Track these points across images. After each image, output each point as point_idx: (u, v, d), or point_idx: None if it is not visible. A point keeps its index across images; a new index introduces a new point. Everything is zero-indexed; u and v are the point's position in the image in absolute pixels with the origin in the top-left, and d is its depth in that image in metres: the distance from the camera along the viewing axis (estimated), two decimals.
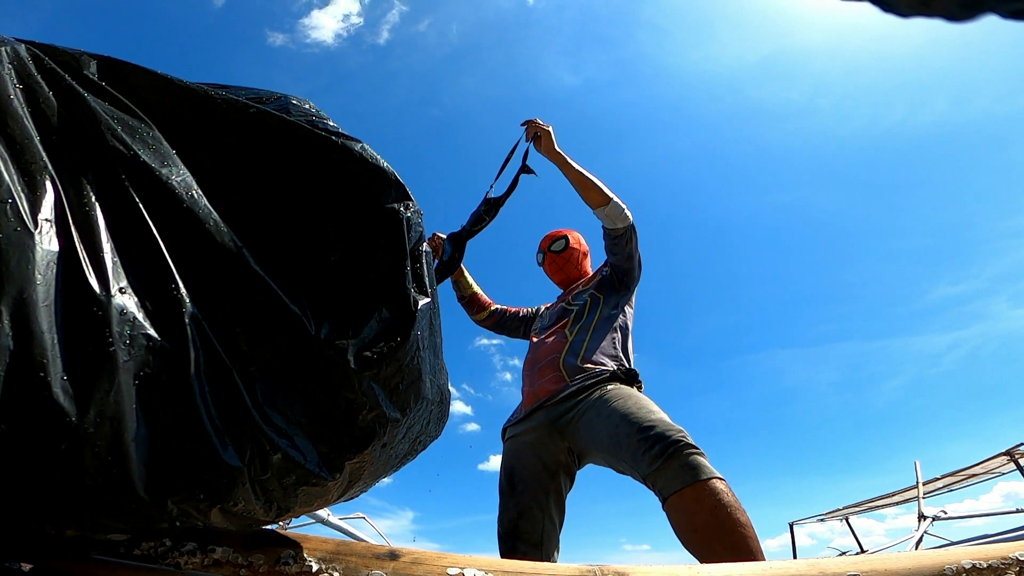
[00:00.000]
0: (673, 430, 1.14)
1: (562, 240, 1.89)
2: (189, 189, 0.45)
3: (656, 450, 1.10)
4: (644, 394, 1.41)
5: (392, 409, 0.49)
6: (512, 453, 1.49)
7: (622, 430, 1.20)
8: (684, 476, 1.05)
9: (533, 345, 1.67)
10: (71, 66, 0.48)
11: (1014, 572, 0.50)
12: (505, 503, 1.41)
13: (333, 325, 0.46)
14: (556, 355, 1.54)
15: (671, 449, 1.09)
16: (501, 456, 1.55)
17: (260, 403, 0.42)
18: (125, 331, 0.37)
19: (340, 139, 0.51)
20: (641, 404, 1.27)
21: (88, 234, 0.39)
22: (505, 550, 1.33)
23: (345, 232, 0.50)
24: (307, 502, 0.47)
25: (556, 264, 1.89)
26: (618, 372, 1.46)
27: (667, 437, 1.11)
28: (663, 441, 1.11)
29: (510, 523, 1.36)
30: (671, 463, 1.08)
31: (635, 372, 1.49)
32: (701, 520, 1.00)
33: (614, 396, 1.33)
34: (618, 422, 1.23)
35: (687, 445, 1.10)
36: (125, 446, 0.35)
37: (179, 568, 0.45)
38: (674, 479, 1.06)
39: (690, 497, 1.03)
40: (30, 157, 0.39)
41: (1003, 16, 0.24)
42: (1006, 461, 5.73)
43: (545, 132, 1.60)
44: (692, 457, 1.07)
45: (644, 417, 1.20)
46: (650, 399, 1.34)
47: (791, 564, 0.54)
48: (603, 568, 0.53)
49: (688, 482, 1.04)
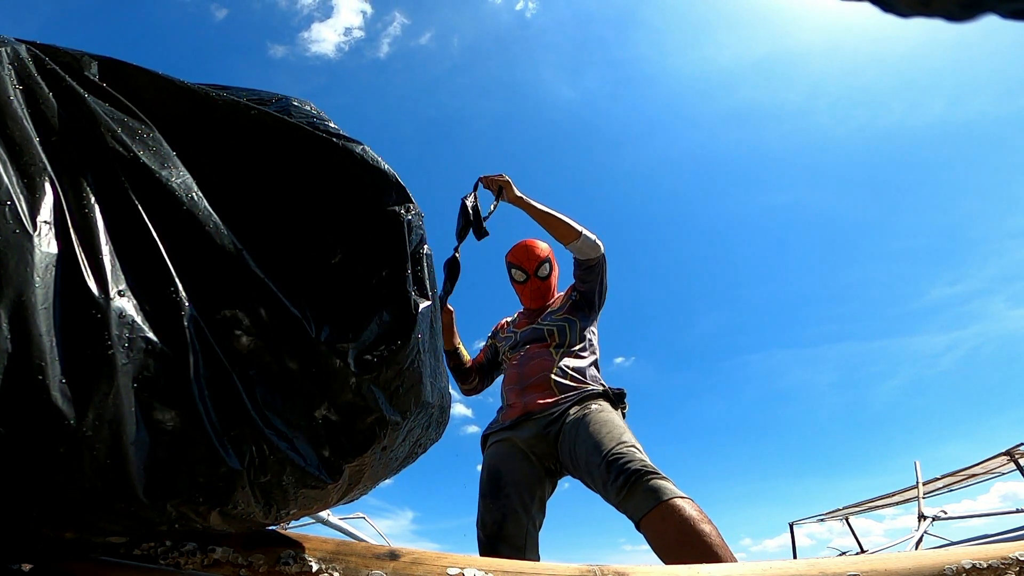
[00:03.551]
0: (636, 460, 1.22)
1: (546, 265, 1.84)
2: (189, 191, 0.45)
3: (620, 481, 1.19)
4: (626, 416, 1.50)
5: (392, 412, 0.49)
6: (497, 456, 1.51)
7: (593, 460, 1.29)
8: (648, 500, 1.13)
9: (515, 364, 1.68)
10: (72, 67, 0.48)
11: (1014, 572, 0.50)
12: (488, 505, 1.43)
13: (333, 328, 0.46)
14: (546, 373, 1.58)
15: (633, 478, 1.18)
16: (483, 460, 1.58)
17: (260, 406, 0.42)
18: (124, 334, 0.37)
19: (341, 141, 0.51)
20: (613, 433, 1.34)
21: (87, 236, 0.39)
22: (487, 553, 1.34)
23: (346, 235, 0.50)
24: (306, 505, 0.47)
25: (539, 291, 1.84)
26: (608, 391, 1.53)
27: (628, 468, 1.20)
28: (625, 472, 1.20)
29: (495, 525, 1.38)
30: (635, 490, 1.16)
31: (623, 393, 1.56)
32: (671, 537, 1.07)
33: (593, 420, 1.40)
34: (591, 451, 1.31)
35: (647, 472, 1.18)
36: (124, 449, 0.35)
37: (179, 568, 0.45)
38: (641, 504, 1.14)
39: (656, 517, 1.11)
40: (29, 159, 0.39)
41: (1003, 16, 0.23)
42: (1006, 461, 5.73)
43: (506, 183, 1.61)
44: (652, 481, 1.16)
45: (611, 449, 1.28)
46: (625, 425, 1.42)
47: (791, 564, 0.54)
48: (603, 568, 0.53)
49: (652, 505, 1.12)
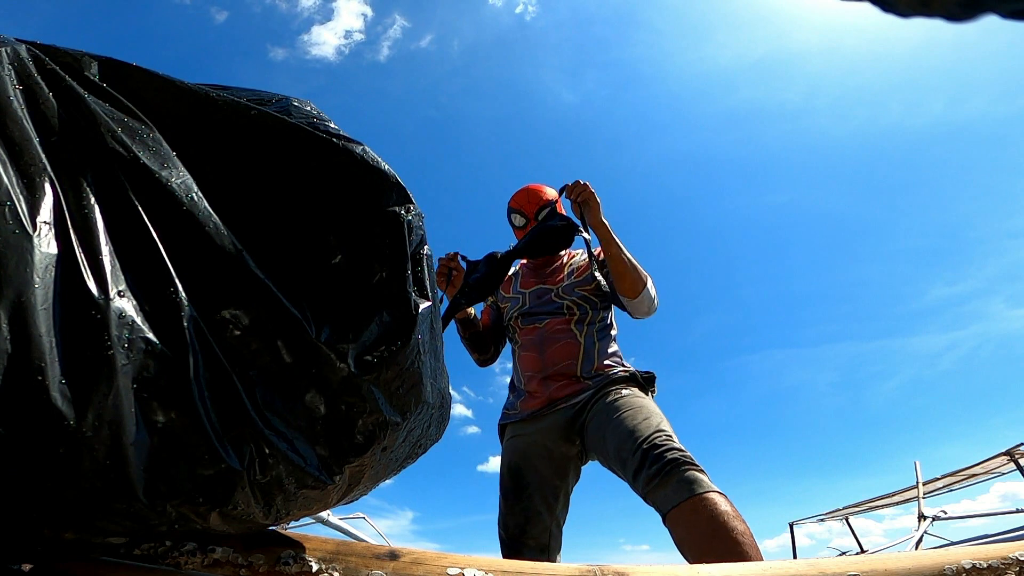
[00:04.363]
0: (673, 449, 1.15)
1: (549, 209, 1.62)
2: (189, 191, 0.44)
3: (654, 470, 1.13)
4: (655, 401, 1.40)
5: (392, 413, 0.49)
6: (518, 453, 1.44)
7: (626, 447, 1.22)
8: (681, 491, 1.07)
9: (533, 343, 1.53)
10: (72, 67, 0.48)
11: (1014, 572, 0.50)
12: (511, 507, 1.38)
13: (333, 329, 0.46)
14: (572, 361, 1.47)
15: (668, 467, 1.11)
16: (502, 454, 1.50)
17: (260, 407, 0.42)
18: (124, 334, 0.37)
19: (341, 142, 0.51)
20: (650, 420, 1.26)
21: (87, 237, 0.39)
22: (509, 554, 1.32)
23: (346, 235, 0.50)
24: (306, 505, 0.47)
25: None
26: (636, 375, 1.44)
27: (664, 457, 1.13)
28: (660, 461, 1.13)
29: (517, 528, 1.34)
30: (668, 480, 1.10)
31: (652, 376, 1.46)
32: (700, 532, 1.02)
33: (625, 405, 1.32)
34: (624, 438, 1.24)
35: (684, 462, 1.11)
36: (124, 450, 0.35)
37: (179, 568, 0.45)
38: (672, 495, 1.08)
39: (687, 510, 1.05)
40: (29, 159, 0.39)
41: (1003, 16, 0.23)
42: (1006, 461, 5.73)
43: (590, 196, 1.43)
44: (688, 472, 1.09)
45: (647, 436, 1.20)
46: (658, 408, 1.33)
47: (791, 564, 0.54)
48: (603, 568, 0.53)
49: (685, 496, 1.06)
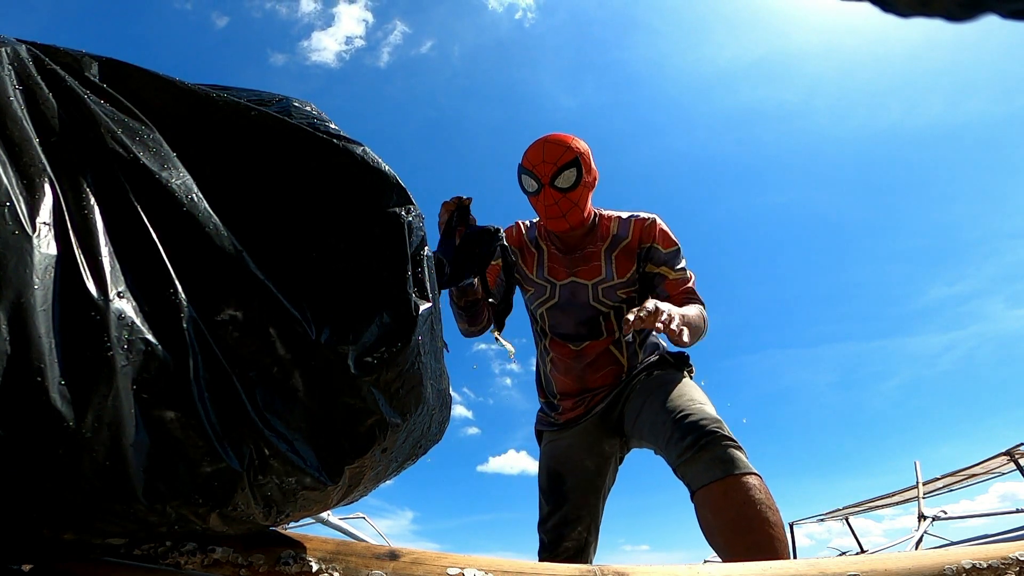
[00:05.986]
0: (710, 420, 1.05)
1: (571, 170, 1.27)
2: (189, 192, 0.44)
3: (688, 441, 1.03)
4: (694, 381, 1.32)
5: (392, 414, 0.49)
6: (556, 457, 1.37)
7: (660, 418, 1.13)
8: (715, 470, 0.97)
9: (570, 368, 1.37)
10: (72, 67, 0.48)
11: (1014, 572, 0.50)
12: (551, 511, 1.32)
13: (334, 330, 0.46)
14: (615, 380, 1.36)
15: (703, 440, 1.01)
16: (540, 458, 1.43)
17: (260, 408, 0.42)
18: (123, 336, 0.37)
19: (342, 142, 0.51)
20: (683, 391, 1.18)
21: (86, 237, 0.39)
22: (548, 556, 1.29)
23: (346, 236, 0.50)
24: (306, 507, 0.47)
25: (559, 208, 1.29)
26: (667, 356, 1.36)
27: (701, 427, 1.03)
28: (696, 431, 1.03)
29: (556, 534, 1.30)
30: (702, 455, 1.00)
31: (686, 356, 1.36)
32: (728, 516, 0.93)
33: (659, 381, 1.25)
34: (658, 409, 1.16)
35: (723, 437, 1.01)
36: (123, 451, 0.35)
37: (179, 568, 0.45)
38: (704, 472, 0.98)
39: (718, 491, 0.95)
40: (29, 159, 0.39)
41: (1003, 16, 0.23)
42: (1006, 461, 5.73)
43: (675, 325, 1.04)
44: (727, 450, 0.99)
45: (683, 405, 1.12)
46: (697, 386, 1.24)
47: (791, 564, 0.54)
48: (603, 568, 0.53)
49: (718, 476, 0.96)
